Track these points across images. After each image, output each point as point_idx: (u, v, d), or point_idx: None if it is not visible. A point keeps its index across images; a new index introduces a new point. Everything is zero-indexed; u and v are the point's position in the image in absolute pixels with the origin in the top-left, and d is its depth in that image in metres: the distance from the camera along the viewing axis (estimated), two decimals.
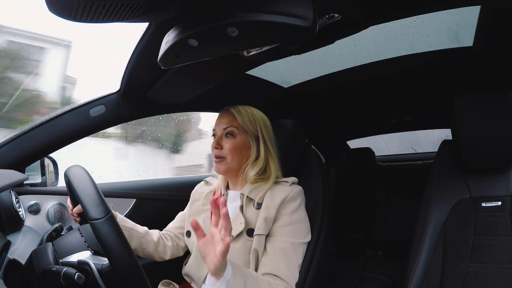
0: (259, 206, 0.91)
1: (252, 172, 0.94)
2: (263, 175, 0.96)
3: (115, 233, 0.63)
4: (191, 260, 0.97)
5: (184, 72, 0.89)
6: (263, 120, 0.99)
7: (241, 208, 0.92)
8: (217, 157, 0.94)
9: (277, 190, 0.92)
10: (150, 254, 1.00)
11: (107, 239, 0.62)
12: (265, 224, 0.87)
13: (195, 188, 1.10)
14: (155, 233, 1.03)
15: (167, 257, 1.03)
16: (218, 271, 0.66)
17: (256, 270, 0.87)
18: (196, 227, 0.65)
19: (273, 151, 0.98)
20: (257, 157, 0.96)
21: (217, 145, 0.94)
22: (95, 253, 0.75)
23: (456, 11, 0.84)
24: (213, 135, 0.98)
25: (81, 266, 0.71)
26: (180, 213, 1.11)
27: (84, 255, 0.75)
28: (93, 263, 0.71)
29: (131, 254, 0.63)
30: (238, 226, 0.89)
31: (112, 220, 0.64)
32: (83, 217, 0.90)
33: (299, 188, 0.95)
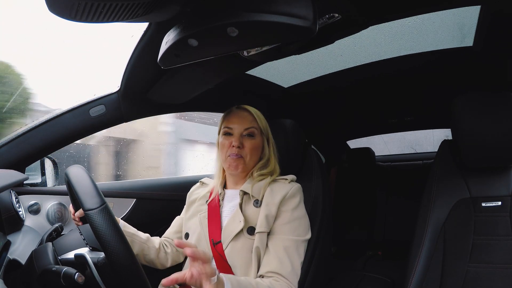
0: (259, 203, 0.91)
1: (257, 172, 0.96)
2: (267, 173, 0.98)
3: (109, 223, 0.63)
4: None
5: (184, 72, 0.89)
6: (268, 123, 1.02)
7: (240, 205, 0.92)
8: (235, 155, 0.93)
9: (277, 187, 0.93)
10: (152, 260, 0.99)
11: (101, 229, 0.62)
12: (267, 221, 0.87)
13: (191, 189, 1.10)
14: (156, 239, 1.03)
15: (168, 264, 1.03)
16: None
17: (258, 268, 0.87)
18: (183, 245, 0.64)
19: (277, 152, 1.02)
20: (268, 158, 0.99)
21: (240, 144, 0.93)
22: (93, 249, 0.75)
23: (456, 11, 0.84)
24: (227, 133, 0.96)
25: (78, 260, 0.71)
26: (177, 217, 1.10)
27: (81, 250, 0.75)
28: (90, 257, 0.71)
29: (125, 244, 0.63)
30: (237, 224, 0.88)
31: (106, 210, 0.64)
32: (85, 221, 0.90)
33: (298, 185, 0.95)
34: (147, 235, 1.01)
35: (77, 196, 0.67)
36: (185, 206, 1.08)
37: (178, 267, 1.06)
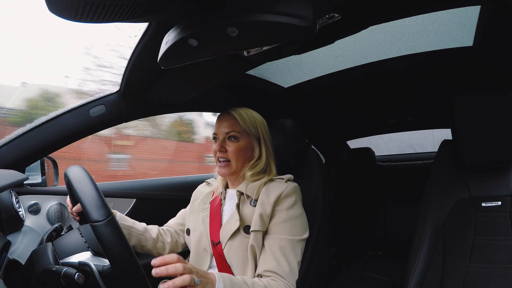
0: (255, 203, 0.91)
1: (250, 172, 0.96)
2: (261, 173, 0.98)
3: (117, 235, 0.63)
4: (190, 259, 0.97)
5: (184, 72, 0.89)
6: (263, 122, 1.01)
7: (237, 205, 0.93)
8: (220, 160, 0.96)
9: (273, 186, 0.93)
10: (149, 250, 1.02)
11: (109, 241, 0.62)
12: (261, 220, 0.88)
13: (197, 188, 1.12)
14: (154, 229, 1.04)
15: (166, 253, 1.04)
16: None
17: (255, 266, 0.87)
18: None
19: (272, 151, 1.01)
20: (259, 158, 0.98)
21: (221, 148, 0.95)
22: (96, 254, 0.75)
23: (456, 11, 0.84)
24: (214, 138, 0.99)
25: (82, 267, 0.71)
26: (182, 210, 1.12)
27: (85, 256, 0.75)
28: (94, 264, 0.71)
29: (132, 256, 0.63)
30: (234, 223, 0.90)
31: (113, 222, 0.64)
32: (83, 216, 0.90)
33: (294, 184, 0.95)
34: (144, 225, 1.03)
35: (82, 205, 0.66)
36: (190, 203, 1.09)
37: None
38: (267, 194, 0.91)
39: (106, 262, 0.72)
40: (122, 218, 0.98)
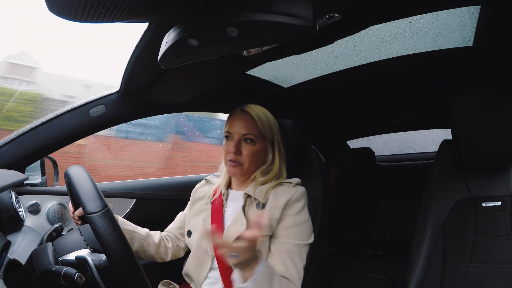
0: (262, 206, 0.90)
1: (262, 178, 0.94)
2: (271, 176, 0.96)
3: (111, 226, 0.64)
4: (191, 260, 0.97)
5: (184, 72, 0.89)
6: (276, 124, 0.98)
7: (243, 208, 0.91)
8: (233, 161, 0.92)
9: (281, 190, 0.92)
10: (152, 255, 1.01)
11: (103, 232, 0.63)
12: (269, 225, 0.87)
13: (196, 187, 1.10)
14: (156, 234, 1.03)
15: (168, 258, 1.04)
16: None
17: None
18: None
19: (284, 154, 0.98)
20: (272, 163, 0.96)
21: (236, 151, 0.91)
22: (94, 251, 0.75)
23: (456, 11, 0.84)
24: (227, 136, 0.95)
25: (79, 262, 0.71)
26: (180, 213, 1.10)
27: (83, 252, 0.75)
28: (91, 259, 0.72)
29: (127, 247, 0.64)
30: (239, 226, 0.88)
31: (108, 213, 0.65)
32: (84, 220, 0.90)
33: (303, 189, 0.94)
34: (147, 230, 1.02)
35: (78, 198, 0.67)
36: (189, 202, 1.08)
37: (178, 260, 1.06)
38: (276, 198, 0.90)
39: (103, 257, 0.73)
40: (124, 223, 0.97)
